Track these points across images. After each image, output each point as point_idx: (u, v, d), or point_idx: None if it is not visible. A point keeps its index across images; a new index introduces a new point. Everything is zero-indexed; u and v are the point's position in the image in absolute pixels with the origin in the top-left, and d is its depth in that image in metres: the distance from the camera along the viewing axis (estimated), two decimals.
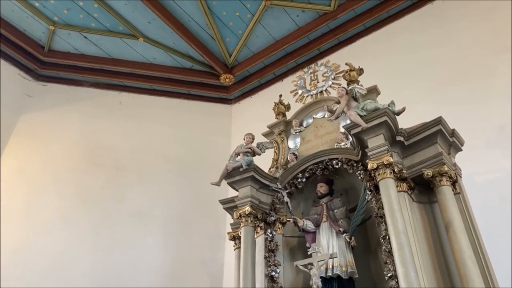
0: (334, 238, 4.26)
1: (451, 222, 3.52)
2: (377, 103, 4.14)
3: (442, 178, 3.76)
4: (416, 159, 4.00)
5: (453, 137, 4.09)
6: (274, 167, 5.26)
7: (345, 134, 4.69)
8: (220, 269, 6.62)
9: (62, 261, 6.28)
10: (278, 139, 5.45)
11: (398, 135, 4.01)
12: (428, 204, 3.93)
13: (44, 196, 6.92)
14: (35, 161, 7.31)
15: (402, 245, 3.35)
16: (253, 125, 5.87)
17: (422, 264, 3.48)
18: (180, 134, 8.10)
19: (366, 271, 4.19)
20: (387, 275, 3.53)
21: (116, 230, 6.75)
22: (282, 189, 4.77)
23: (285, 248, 4.69)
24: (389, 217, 3.53)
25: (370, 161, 3.84)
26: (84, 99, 8.23)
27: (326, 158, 4.67)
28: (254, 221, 4.59)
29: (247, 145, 4.97)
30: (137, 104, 8.40)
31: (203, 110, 8.66)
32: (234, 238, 5.01)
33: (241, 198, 4.67)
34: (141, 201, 7.17)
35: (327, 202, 4.58)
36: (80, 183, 7.15)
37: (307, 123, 5.36)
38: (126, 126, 8.00)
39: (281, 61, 8.24)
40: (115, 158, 7.58)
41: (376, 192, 3.93)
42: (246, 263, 4.29)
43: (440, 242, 3.68)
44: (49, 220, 6.67)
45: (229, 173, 4.80)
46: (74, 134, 7.72)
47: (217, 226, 6.91)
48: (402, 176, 3.89)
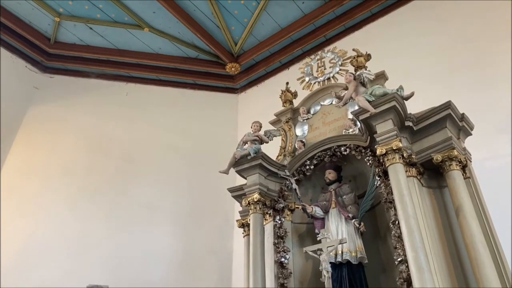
0: (343, 224, 4.27)
1: (461, 207, 3.51)
2: (386, 88, 4.11)
3: (451, 163, 3.74)
4: (425, 144, 3.98)
5: (462, 122, 4.05)
6: (282, 155, 5.26)
7: (353, 120, 4.67)
8: (229, 256, 6.66)
9: (73, 253, 6.35)
10: (286, 126, 5.44)
11: (407, 120, 3.99)
12: (438, 189, 3.92)
13: (54, 188, 6.97)
14: (44, 153, 7.36)
15: (412, 230, 3.35)
16: (260, 113, 5.86)
17: (432, 249, 3.48)
18: (187, 124, 8.11)
19: (375, 256, 4.20)
20: (397, 260, 3.54)
21: (126, 221, 6.80)
22: (290, 176, 4.77)
23: (294, 234, 4.71)
24: (399, 202, 3.52)
25: (378, 147, 3.82)
26: (91, 91, 8.25)
27: (334, 145, 4.66)
28: (262, 208, 4.61)
29: (254, 133, 4.97)
30: (144, 95, 8.41)
31: (209, 100, 8.65)
32: (243, 226, 5.04)
33: (249, 186, 4.69)
34: (150, 191, 7.21)
35: (335, 189, 4.58)
36: (89, 174, 7.19)
37: (314, 110, 5.35)
38: (133, 117, 8.02)
39: (287, 49, 8.19)
40: (123, 149, 7.61)
41: (385, 178, 3.92)
42: (255, 250, 4.32)
43: (450, 226, 3.68)
44: (59, 212, 6.73)
45: (237, 161, 4.81)
46: (82, 126, 7.75)
47: (225, 214, 6.94)
48: (411, 161, 3.87)
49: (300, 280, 4.44)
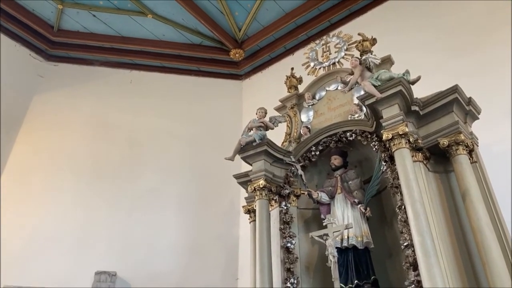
0: (349, 209, 4.29)
1: (468, 191, 3.50)
2: (392, 73, 4.07)
3: (458, 147, 3.73)
4: (432, 129, 3.96)
5: (469, 106, 4.02)
6: (287, 141, 5.26)
7: (359, 106, 4.65)
8: (236, 242, 6.71)
9: (81, 240, 6.42)
10: (291, 112, 5.42)
11: (413, 104, 3.96)
12: (444, 174, 3.91)
13: (60, 176, 7.02)
14: (50, 141, 7.39)
15: (418, 214, 3.35)
16: (265, 100, 5.83)
17: (439, 233, 3.48)
18: (192, 111, 8.10)
19: (381, 241, 4.22)
20: (403, 244, 3.56)
21: (132, 208, 6.85)
22: (295, 162, 4.77)
23: (300, 220, 4.73)
24: (405, 187, 3.52)
25: (385, 132, 3.81)
26: (95, 78, 8.24)
27: (339, 131, 4.65)
28: (268, 194, 4.62)
29: (259, 119, 4.95)
30: (148, 82, 8.39)
31: (213, 86, 8.62)
32: (249, 212, 5.06)
33: (255, 172, 4.70)
34: (156, 178, 7.24)
35: (341, 174, 4.58)
36: (95, 162, 7.23)
37: (319, 95, 5.31)
38: (138, 104, 8.02)
39: (292, 34, 8.11)
40: (128, 136, 7.63)
41: (391, 163, 3.92)
42: (261, 235, 4.35)
43: (457, 211, 3.67)
44: (66, 200, 6.79)
45: (242, 148, 4.81)
46: (87, 114, 7.77)
47: (231, 201, 6.97)
48: (418, 146, 3.85)
49: (306, 265, 4.48)
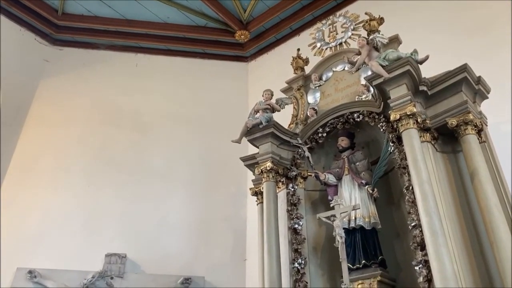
0: (356, 191, 4.29)
1: (476, 171, 3.48)
2: (399, 52, 4.02)
3: (467, 127, 3.70)
4: (440, 109, 3.93)
5: (479, 85, 3.97)
6: (294, 123, 5.24)
7: (366, 86, 4.61)
8: (243, 224, 6.76)
9: (91, 223, 6.50)
10: (297, 94, 5.39)
11: (421, 84, 3.92)
12: (452, 154, 3.89)
13: (69, 160, 7.07)
14: (58, 126, 7.42)
15: (426, 195, 3.35)
16: (271, 81, 5.79)
17: (446, 213, 3.49)
18: (198, 94, 8.07)
19: (389, 222, 4.23)
20: (410, 225, 3.57)
21: (141, 192, 6.91)
22: (302, 144, 4.77)
23: (307, 201, 4.75)
24: (413, 167, 3.51)
25: (392, 112, 3.78)
26: (101, 62, 8.22)
27: (347, 112, 4.62)
28: (275, 177, 4.64)
29: (266, 101, 4.93)
30: (154, 65, 8.35)
31: (219, 69, 8.56)
32: (256, 194, 5.08)
33: (262, 155, 4.70)
34: (163, 161, 7.28)
35: (348, 156, 4.58)
36: (103, 146, 7.27)
37: (326, 76, 5.27)
38: (144, 87, 8.00)
39: (298, 15, 7.99)
40: (135, 120, 7.64)
41: (399, 144, 3.90)
42: (269, 217, 4.38)
43: (465, 191, 3.67)
44: (75, 183, 6.85)
45: (249, 130, 4.80)
46: (93, 98, 7.77)
47: (238, 183, 7.00)
48: (426, 126, 3.83)
49: (314, 245, 4.51)
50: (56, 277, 5.85)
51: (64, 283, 5.78)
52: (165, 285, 5.95)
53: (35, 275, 5.80)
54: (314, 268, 4.37)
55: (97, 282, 5.48)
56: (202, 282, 6.17)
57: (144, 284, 5.95)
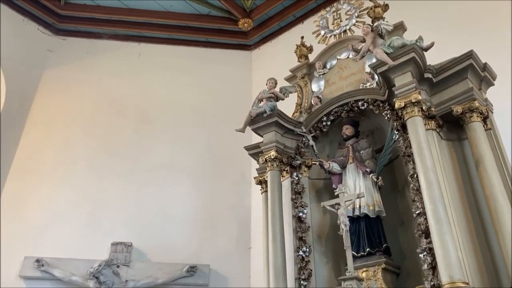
0: (360, 179, 4.29)
1: (481, 158, 3.47)
2: (404, 40, 3.99)
3: (472, 114, 3.68)
4: (445, 96, 3.91)
5: (484, 72, 3.93)
6: (298, 112, 5.22)
7: (371, 74, 4.58)
8: (248, 212, 6.78)
9: (97, 212, 6.54)
10: (301, 82, 5.36)
11: (426, 72, 3.89)
12: (457, 142, 3.88)
13: (74, 150, 7.10)
14: (62, 116, 7.44)
15: (431, 183, 3.34)
16: (275, 70, 5.76)
17: (451, 201, 3.49)
18: (201, 83, 8.05)
19: (393, 210, 4.24)
20: (415, 213, 3.57)
21: (145, 180, 6.93)
22: (306, 133, 4.76)
23: (311, 190, 4.75)
24: (417, 155, 3.50)
25: (397, 100, 3.77)
26: (104, 52, 8.20)
27: (351, 100, 4.60)
28: (279, 165, 4.64)
29: (270, 90, 4.91)
30: (157, 55, 8.33)
31: (222, 57, 8.52)
32: (260, 183, 5.09)
33: (266, 144, 4.70)
34: (167, 151, 7.29)
35: (353, 144, 4.57)
36: (107, 136, 7.28)
37: (330, 64, 5.23)
38: (147, 77, 7.98)
39: (301, 2, 7.90)
40: (139, 109, 7.64)
41: (404, 131, 3.89)
42: (273, 206, 4.39)
43: (470, 179, 3.66)
44: (80, 172, 6.89)
45: (253, 119, 4.79)
46: (97, 88, 7.77)
47: (242, 172, 7.01)
48: (431, 114, 3.82)
49: (318, 233, 4.53)
50: (63, 266, 5.93)
51: (71, 272, 5.85)
52: (171, 273, 6.00)
53: (42, 263, 5.88)
54: (318, 256, 4.40)
55: (103, 271, 5.54)
56: (207, 270, 6.22)
57: (150, 273, 6.00)
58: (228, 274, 6.32)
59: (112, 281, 5.61)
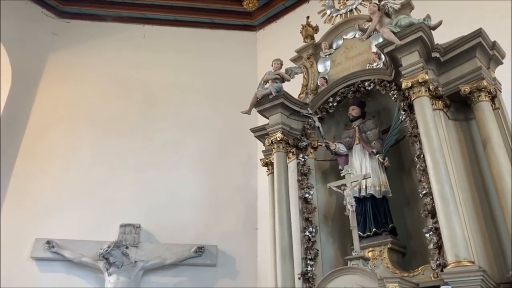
0: (367, 160, 4.29)
1: (489, 138, 3.46)
2: (412, 18, 3.92)
3: (480, 94, 3.65)
4: (453, 75, 3.87)
5: (493, 50, 3.88)
6: (304, 93, 5.20)
7: (377, 54, 4.53)
8: (254, 194, 6.82)
9: (105, 195, 6.60)
10: (307, 63, 5.32)
11: (434, 51, 3.84)
12: (465, 121, 3.86)
13: (80, 133, 7.13)
14: (68, 99, 7.46)
15: (438, 163, 3.34)
16: (280, 51, 5.70)
17: (458, 181, 3.49)
18: (206, 64, 8.00)
19: (400, 190, 4.25)
20: (421, 193, 3.58)
21: (152, 163, 6.97)
22: (312, 114, 4.75)
23: (317, 171, 4.77)
24: (424, 135, 3.49)
25: (404, 80, 3.73)
26: (108, 34, 8.15)
27: (357, 80, 4.56)
28: (285, 147, 4.64)
29: (275, 71, 4.87)
30: (161, 36, 8.27)
31: (227, 38, 8.45)
32: (266, 164, 5.11)
33: (272, 125, 4.70)
34: (174, 133, 7.30)
35: (359, 125, 4.55)
36: (113, 118, 7.30)
37: (337, 44, 5.18)
38: (152, 59, 7.95)
39: None
40: (144, 92, 7.63)
41: (410, 112, 3.87)
42: (279, 187, 4.41)
43: (477, 158, 3.65)
44: (87, 155, 6.94)
45: (258, 101, 4.78)
46: (103, 70, 7.75)
47: (248, 154, 7.02)
48: (438, 93, 3.78)
49: (324, 214, 4.56)
50: (73, 247, 6.03)
51: (81, 253, 5.96)
52: (179, 254, 6.09)
53: (52, 245, 5.98)
54: (325, 236, 4.44)
55: (113, 252, 5.61)
56: (215, 250, 6.30)
57: (158, 253, 6.09)
58: (235, 254, 6.40)
59: (122, 262, 5.70)
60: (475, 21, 4.15)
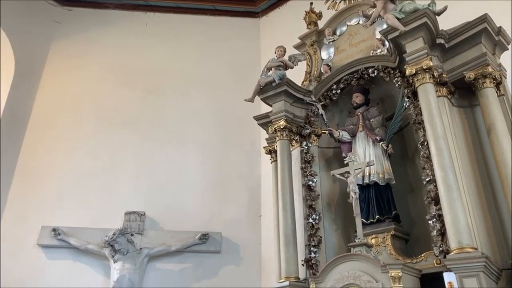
0: (370, 147, 4.29)
1: (493, 125, 3.45)
2: (416, 4, 3.87)
3: (485, 80, 3.62)
4: (458, 62, 3.84)
5: (499, 36, 3.84)
6: (307, 80, 5.18)
7: (381, 40, 4.50)
8: (258, 181, 6.84)
9: (109, 183, 6.63)
10: (311, 50, 5.29)
11: (438, 37, 3.81)
12: (469, 108, 3.84)
13: (84, 119, 7.15)
14: (72, 87, 7.45)
15: (441, 150, 3.33)
16: (283, 37, 5.66)
17: (462, 168, 3.48)
18: (209, 52, 7.95)
19: (403, 177, 4.25)
20: (425, 180, 3.58)
21: (156, 151, 6.98)
22: (316, 101, 4.73)
23: (321, 159, 4.77)
24: (428, 122, 3.48)
25: (408, 67, 3.71)
26: (110, 23, 8.10)
27: (361, 67, 4.54)
28: (289, 135, 4.65)
29: (278, 58, 4.85)
30: (164, 24, 8.21)
31: (230, 25, 8.37)
32: (270, 152, 5.11)
33: (275, 113, 4.69)
34: (177, 121, 7.30)
35: (363, 112, 4.54)
36: (117, 107, 7.30)
37: (340, 31, 5.14)
38: (155, 47, 7.91)
39: None
40: (148, 80, 7.61)
41: (414, 99, 3.85)
42: (283, 175, 4.43)
43: (481, 145, 3.65)
44: (91, 145, 6.95)
45: (262, 89, 4.77)
46: (105, 59, 7.72)
47: (252, 142, 7.02)
48: (442, 80, 3.76)
49: (328, 201, 4.58)
50: (79, 235, 6.09)
51: (87, 240, 6.02)
52: (183, 241, 6.14)
53: (58, 232, 6.04)
54: (328, 223, 4.46)
55: (118, 239, 5.68)
56: (219, 237, 6.35)
57: (163, 240, 6.14)
58: (239, 241, 6.44)
59: (127, 249, 5.76)
60: (481, 6, 4.07)
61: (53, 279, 5.88)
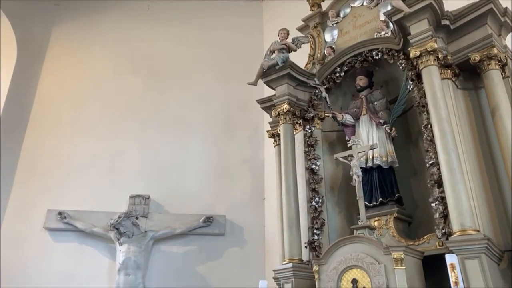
0: (374, 130, 4.28)
1: (498, 107, 3.43)
2: None
3: (490, 62, 3.58)
4: (463, 44, 3.79)
5: (505, 17, 3.78)
6: (311, 63, 5.14)
7: (386, 22, 4.44)
8: (261, 165, 6.87)
9: (114, 167, 6.68)
10: (314, 32, 5.24)
11: (443, 18, 3.76)
12: (474, 90, 3.81)
13: (88, 104, 7.16)
14: (74, 72, 7.43)
15: (445, 133, 3.32)
16: (286, 20, 5.62)
17: (465, 151, 3.47)
18: (212, 36, 7.89)
19: (406, 160, 4.26)
20: (428, 163, 3.59)
21: (160, 136, 7.01)
22: (319, 84, 4.71)
23: (324, 142, 4.78)
24: (432, 105, 3.46)
25: (412, 49, 3.67)
26: (112, 6, 8.02)
27: (365, 50, 4.50)
28: (292, 118, 4.64)
29: (282, 41, 4.80)
30: (165, 8, 8.12)
31: (233, 8, 8.28)
32: (273, 136, 5.11)
33: (278, 97, 4.68)
34: (180, 106, 7.30)
35: (366, 95, 4.51)
36: (120, 91, 7.29)
37: (344, 13, 5.08)
38: (157, 31, 7.84)
39: None
40: (150, 65, 7.59)
41: (418, 81, 3.83)
42: (286, 158, 4.44)
43: (485, 128, 3.63)
44: (95, 129, 6.97)
45: (265, 72, 4.74)
46: (107, 43, 7.68)
47: (255, 125, 7.03)
48: (447, 62, 3.72)
49: (331, 185, 4.60)
50: (84, 218, 6.16)
51: (92, 223, 6.09)
52: (188, 224, 6.20)
53: (64, 216, 6.11)
54: (331, 206, 4.49)
55: (123, 222, 5.75)
56: (223, 220, 6.41)
57: (168, 223, 6.21)
58: (243, 224, 6.51)
59: (132, 232, 5.84)
60: None
61: (60, 262, 5.99)
